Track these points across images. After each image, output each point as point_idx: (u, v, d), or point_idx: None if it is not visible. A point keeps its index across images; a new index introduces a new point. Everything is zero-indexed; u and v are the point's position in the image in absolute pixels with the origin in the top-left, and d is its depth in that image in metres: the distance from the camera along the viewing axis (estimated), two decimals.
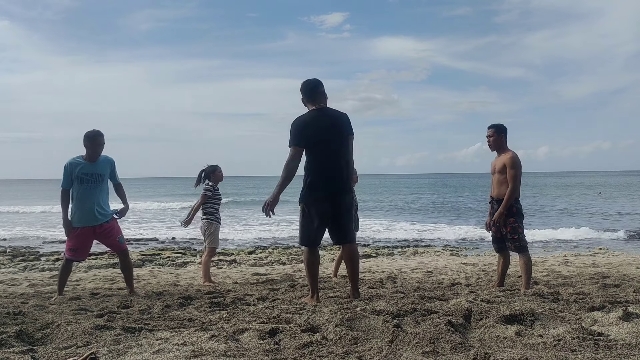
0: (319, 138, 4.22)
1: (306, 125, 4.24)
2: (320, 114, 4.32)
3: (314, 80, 4.43)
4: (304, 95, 4.42)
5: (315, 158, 4.24)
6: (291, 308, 3.81)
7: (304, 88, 4.42)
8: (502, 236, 5.14)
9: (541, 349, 2.46)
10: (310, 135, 4.21)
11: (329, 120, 4.31)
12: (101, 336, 2.95)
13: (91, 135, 5.04)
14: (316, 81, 4.43)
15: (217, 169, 6.67)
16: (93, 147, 5.04)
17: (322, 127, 4.25)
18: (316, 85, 4.41)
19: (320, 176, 4.23)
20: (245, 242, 14.56)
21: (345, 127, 4.36)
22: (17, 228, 19.26)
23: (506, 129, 5.25)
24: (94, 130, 5.08)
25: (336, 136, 4.31)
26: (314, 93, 4.39)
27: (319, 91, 4.40)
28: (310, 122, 4.26)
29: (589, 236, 14.83)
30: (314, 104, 4.37)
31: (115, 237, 5.18)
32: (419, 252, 11.42)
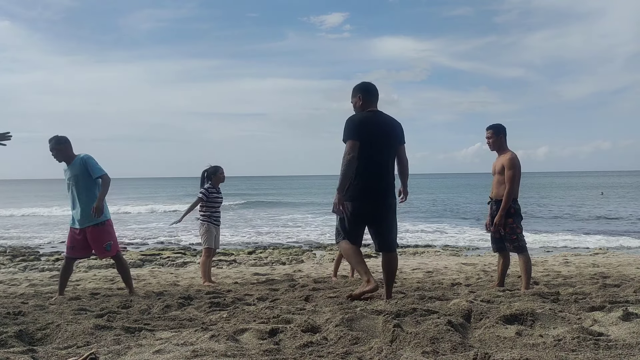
0: (373, 140, 4.16)
1: (362, 123, 4.18)
2: (377, 117, 4.29)
3: (374, 84, 4.42)
4: (365, 95, 4.34)
5: (364, 159, 4.15)
6: (291, 308, 3.81)
7: (366, 88, 4.37)
8: (500, 236, 5.14)
9: (541, 349, 2.46)
10: (366, 134, 4.14)
11: (385, 124, 4.28)
12: (101, 336, 2.95)
13: (50, 140, 5.08)
14: (375, 86, 4.42)
15: (219, 170, 6.67)
16: (53, 153, 5.09)
17: (377, 129, 4.20)
18: (376, 89, 4.40)
19: (367, 179, 4.16)
20: (245, 242, 14.55)
21: (399, 136, 4.34)
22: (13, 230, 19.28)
23: (505, 129, 5.25)
24: (52, 137, 5.09)
25: (390, 142, 4.26)
26: (374, 95, 4.37)
27: (377, 95, 4.39)
28: (368, 122, 4.20)
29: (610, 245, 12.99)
30: (370, 106, 4.33)
31: (102, 244, 5.10)
32: (419, 252, 11.43)
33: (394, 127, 4.34)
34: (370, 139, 4.15)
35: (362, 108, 4.35)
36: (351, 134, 4.14)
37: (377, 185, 4.21)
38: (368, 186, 4.18)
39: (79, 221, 5.08)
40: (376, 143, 4.18)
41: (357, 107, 4.39)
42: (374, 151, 4.16)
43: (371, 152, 4.15)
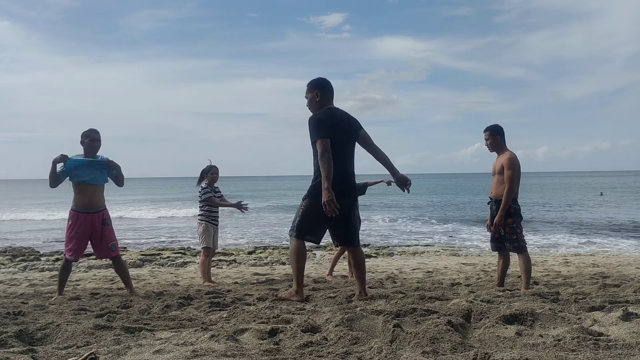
0: (336, 137, 4.21)
1: (327, 120, 4.23)
2: (337, 113, 4.35)
3: (329, 81, 4.46)
4: (323, 91, 4.38)
5: (334, 156, 4.17)
6: (291, 308, 3.81)
7: (323, 85, 4.41)
8: (500, 236, 5.14)
9: (541, 349, 2.46)
10: (332, 131, 4.19)
11: (344, 120, 4.34)
12: (101, 336, 2.95)
13: (87, 132, 5.08)
14: (331, 82, 4.46)
15: (211, 170, 6.68)
16: (90, 143, 5.06)
17: (339, 125, 4.26)
18: (332, 86, 4.46)
19: (340, 175, 4.20)
20: (245, 242, 14.55)
21: (356, 124, 4.42)
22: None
23: (501, 129, 5.25)
24: (90, 129, 5.12)
25: (350, 137, 4.33)
26: (330, 92, 4.42)
27: (333, 92, 4.44)
28: (331, 119, 4.25)
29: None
30: (327, 103, 4.37)
31: (108, 243, 5.16)
32: (419, 252, 11.42)
33: (352, 121, 4.40)
34: (335, 135, 4.20)
35: (319, 104, 4.37)
36: (321, 133, 4.18)
37: (344, 181, 4.25)
38: (341, 181, 4.21)
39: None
40: (340, 140, 4.23)
41: (313, 103, 4.41)
42: (340, 146, 4.22)
43: (338, 148, 4.20)
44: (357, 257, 4.48)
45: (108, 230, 5.16)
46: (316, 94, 4.38)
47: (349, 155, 4.34)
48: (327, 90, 4.40)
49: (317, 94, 4.38)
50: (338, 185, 4.19)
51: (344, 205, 4.22)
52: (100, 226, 5.10)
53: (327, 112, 4.31)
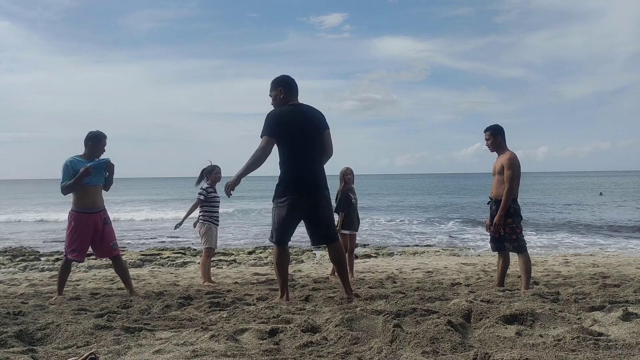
0: (296, 132, 4.16)
1: (284, 117, 4.18)
2: (297, 108, 4.29)
3: (293, 78, 4.43)
4: (286, 88, 4.34)
5: (292, 154, 4.16)
6: (291, 308, 3.81)
7: (287, 82, 4.37)
8: (500, 236, 5.14)
9: (541, 349, 2.45)
10: (287, 128, 4.14)
11: (306, 115, 4.28)
12: (101, 336, 2.95)
13: (95, 135, 5.09)
14: (295, 79, 4.44)
15: (214, 170, 6.66)
16: (95, 147, 5.07)
17: (299, 121, 4.20)
18: (296, 83, 4.42)
19: (298, 172, 4.17)
20: (245, 242, 14.55)
21: (321, 122, 4.34)
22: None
23: (502, 129, 5.25)
24: (98, 131, 5.14)
25: (313, 131, 4.26)
26: (294, 89, 4.38)
27: (296, 88, 4.40)
28: (288, 115, 4.20)
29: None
30: (291, 100, 4.33)
31: (109, 242, 5.18)
32: (419, 252, 11.42)
33: (315, 116, 4.34)
34: (293, 132, 4.15)
35: (283, 101, 4.34)
36: (267, 130, 4.15)
37: (307, 178, 4.20)
38: (298, 180, 4.17)
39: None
40: (300, 135, 4.18)
41: (277, 100, 4.38)
42: (299, 143, 4.17)
43: (296, 146, 4.16)
44: (333, 253, 4.41)
45: (109, 229, 5.17)
46: (280, 91, 4.35)
47: (310, 152, 4.23)
48: (291, 88, 4.36)
49: (281, 91, 4.34)
50: (299, 184, 4.16)
51: (304, 203, 4.19)
52: (102, 225, 5.11)
53: (284, 108, 4.26)
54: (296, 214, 4.23)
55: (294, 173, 4.17)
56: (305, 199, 4.19)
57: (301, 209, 4.22)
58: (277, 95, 4.35)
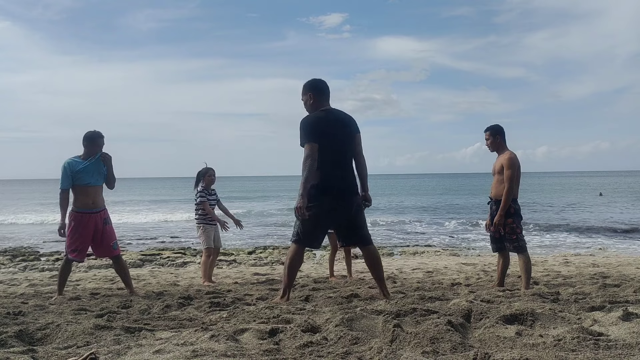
0: (329, 138, 4.16)
1: (318, 123, 4.18)
2: (330, 114, 4.29)
3: (324, 81, 4.40)
4: (316, 93, 4.33)
5: (325, 158, 4.15)
6: (291, 308, 3.81)
7: (317, 86, 4.36)
8: (500, 236, 5.14)
9: (541, 349, 2.45)
10: (322, 133, 4.14)
11: (339, 120, 4.29)
12: (101, 336, 2.95)
13: (92, 135, 5.06)
14: (325, 82, 4.41)
15: (208, 172, 6.71)
16: (93, 148, 5.05)
17: (332, 126, 4.21)
18: (327, 86, 4.40)
19: (330, 177, 4.17)
20: (245, 243, 14.55)
21: (352, 127, 4.35)
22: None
23: (502, 128, 5.25)
24: (96, 131, 5.11)
25: (345, 136, 4.28)
26: (325, 93, 4.37)
27: (328, 92, 4.39)
28: (322, 121, 4.20)
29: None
30: (322, 105, 4.33)
31: (110, 242, 5.18)
32: (419, 252, 11.42)
33: (348, 122, 4.35)
34: (328, 138, 4.15)
35: (314, 107, 4.34)
36: (308, 137, 4.13)
37: (340, 184, 4.21)
38: (331, 186, 4.17)
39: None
40: (334, 141, 4.18)
41: (308, 106, 4.37)
42: (332, 151, 4.17)
43: (330, 152, 4.16)
44: (369, 256, 4.41)
45: (109, 229, 5.17)
46: (309, 96, 4.35)
47: (343, 158, 4.27)
48: (321, 92, 4.35)
49: (311, 96, 4.34)
50: (331, 187, 4.17)
51: (338, 208, 4.20)
52: (102, 225, 5.11)
53: (318, 115, 4.26)
54: (327, 218, 4.25)
55: (326, 178, 4.17)
56: (336, 203, 4.20)
57: (332, 214, 4.22)
58: (307, 100, 4.36)
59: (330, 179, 4.17)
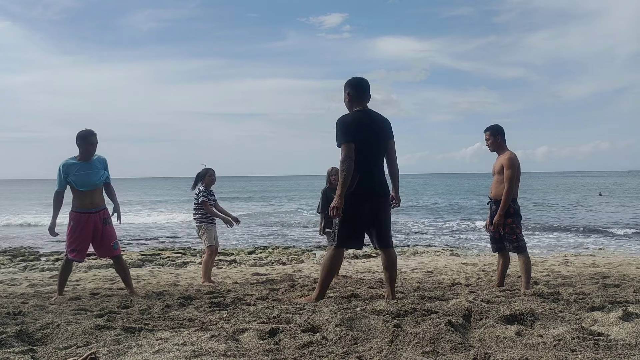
0: (364, 139, 4.15)
1: (354, 124, 4.17)
2: (366, 115, 4.26)
3: (365, 80, 4.37)
4: (355, 91, 4.30)
5: (361, 160, 4.14)
6: (291, 308, 3.81)
7: (356, 85, 4.32)
8: (500, 236, 5.14)
9: (541, 349, 2.45)
10: (358, 134, 4.13)
11: (374, 122, 4.27)
12: (101, 336, 2.95)
13: (83, 134, 5.05)
14: (367, 82, 4.37)
15: (208, 173, 6.73)
16: (86, 146, 5.04)
17: (367, 128, 4.19)
18: (368, 86, 4.36)
19: (363, 178, 4.17)
20: (245, 242, 14.55)
21: (388, 131, 4.34)
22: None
23: (502, 129, 5.25)
24: (87, 130, 5.09)
25: (379, 139, 4.26)
26: (365, 93, 4.34)
27: (368, 92, 4.36)
28: (358, 122, 4.18)
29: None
30: (360, 104, 4.30)
31: (110, 242, 5.18)
32: (419, 252, 11.42)
33: (384, 124, 4.34)
34: (363, 139, 4.15)
35: (350, 105, 4.33)
36: (346, 137, 4.12)
37: (373, 184, 4.22)
38: (368, 186, 4.18)
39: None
40: (368, 143, 4.18)
41: (346, 104, 4.37)
42: (367, 151, 4.17)
43: (365, 153, 4.15)
44: (388, 258, 4.40)
45: (109, 229, 5.16)
46: (347, 94, 4.33)
47: (375, 160, 4.25)
48: (358, 91, 4.31)
49: (348, 94, 4.33)
50: (366, 188, 4.17)
51: (372, 209, 4.22)
52: (102, 225, 5.11)
53: (354, 115, 4.25)
54: (364, 221, 4.25)
55: (365, 180, 4.16)
56: (373, 205, 4.21)
57: (369, 216, 4.23)
58: (345, 98, 4.36)
59: (366, 180, 4.18)
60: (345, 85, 4.37)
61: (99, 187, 5.13)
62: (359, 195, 4.17)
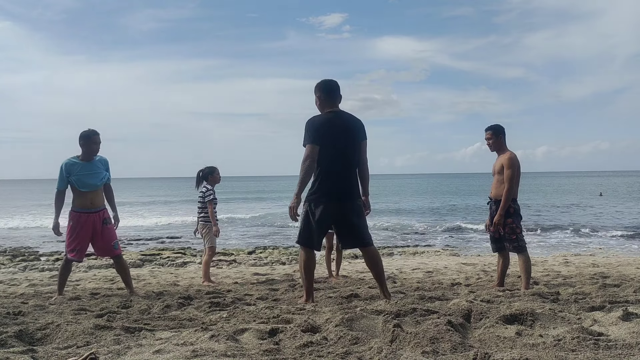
0: (332, 141, 4.13)
1: (322, 125, 4.15)
2: (336, 116, 4.24)
3: (334, 82, 4.35)
4: (325, 94, 4.29)
5: (326, 161, 4.13)
6: (291, 308, 3.81)
7: (325, 87, 4.31)
8: (500, 236, 5.14)
9: (541, 349, 2.46)
10: (325, 136, 4.11)
11: (345, 123, 4.23)
12: (101, 336, 2.95)
13: (87, 134, 5.04)
14: (336, 83, 4.36)
15: (215, 171, 6.69)
16: (89, 146, 5.04)
17: (337, 129, 4.16)
18: (337, 87, 4.34)
19: (330, 180, 4.14)
20: (245, 242, 14.55)
21: (359, 133, 4.29)
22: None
23: (503, 129, 5.25)
24: (90, 130, 5.08)
25: (350, 141, 4.22)
26: (334, 94, 4.31)
27: (338, 94, 4.34)
28: (326, 123, 4.16)
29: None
30: (330, 106, 4.28)
31: (110, 242, 5.18)
32: (419, 252, 11.42)
33: (354, 125, 4.29)
34: (331, 141, 4.12)
35: (321, 107, 4.31)
36: (310, 138, 4.11)
37: (341, 186, 4.18)
38: (332, 188, 4.15)
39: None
40: (337, 144, 4.14)
41: (317, 106, 4.35)
42: (336, 153, 4.14)
43: (333, 154, 4.13)
44: (368, 257, 4.38)
45: (109, 229, 5.16)
46: (318, 97, 4.33)
47: (345, 161, 4.20)
48: (329, 93, 4.29)
49: (319, 96, 4.31)
50: (330, 192, 4.14)
51: (337, 211, 4.18)
52: (101, 225, 5.11)
53: (324, 116, 4.23)
54: (326, 221, 4.23)
55: (327, 181, 4.15)
56: (336, 207, 4.18)
57: (332, 217, 4.21)
58: (316, 100, 4.35)
59: (330, 183, 4.14)
60: (315, 88, 4.35)
61: (99, 188, 5.13)
62: (320, 196, 4.15)
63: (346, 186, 4.21)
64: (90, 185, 5.03)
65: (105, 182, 5.17)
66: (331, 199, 4.15)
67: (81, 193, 5.02)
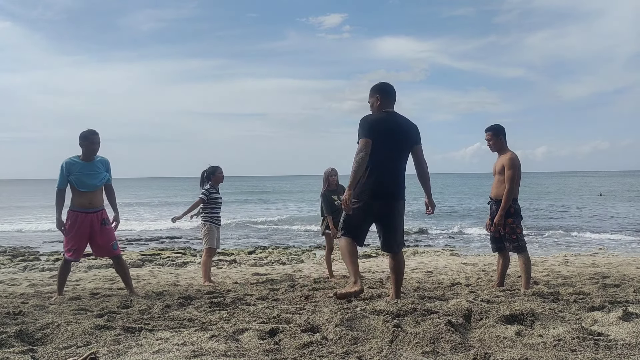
0: (386, 140, 4.17)
1: (377, 123, 4.20)
2: (391, 117, 4.29)
3: (392, 86, 4.43)
4: (384, 96, 4.34)
5: (377, 160, 4.16)
6: (291, 308, 3.81)
7: (384, 89, 4.38)
8: (500, 236, 5.14)
9: (541, 349, 2.45)
10: (378, 132, 4.15)
11: (399, 125, 4.28)
12: (101, 336, 2.95)
13: (86, 134, 5.05)
14: (393, 87, 4.43)
15: (217, 170, 6.70)
16: (88, 146, 5.04)
17: (391, 129, 4.21)
18: (394, 91, 4.41)
19: (379, 179, 4.17)
20: (245, 242, 14.55)
21: (412, 135, 4.32)
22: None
23: (504, 129, 5.25)
24: (89, 130, 5.09)
25: (401, 142, 4.26)
26: (392, 97, 4.38)
27: (394, 97, 4.40)
28: (381, 121, 4.22)
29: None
30: (386, 107, 4.33)
31: (109, 242, 5.18)
32: (419, 252, 11.42)
33: (409, 128, 4.34)
34: (383, 138, 4.16)
35: (379, 108, 4.35)
36: (364, 133, 4.16)
37: (387, 184, 4.21)
38: (378, 185, 4.18)
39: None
40: (389, 143, 4.19)
41: (374, 107, 4.39)
42: (386, 151, 4.17)
43: (383, 152, 4.16)
44: (392, 262, 4.39)
45: (107, 229, 5.16)
46: (377, 98, 4.36)
47: (395, 161, 4.25)
48: (387, 95, 4.36)
49: (378, 98, 4.36)
50: (380, 187, 4.17)
51: (378, 209, 4.20)
52: (100, 226, 5.10)
53: (378, 114, 4.28)
54: (368, 218, 4.26)
55: (375, 179, 4.17)
56: (380, 205, 4.20)
57: (374, 215, 4.23)
58: (374, 102, 4.38)
59: (378, 181, 4.18)
60: (372, 89, 4.41)
61: (98, 189, 5.13)
62: (366, 191, 4.18)
63: (392, 187, 4.25)
64: (89, 186, 5.03)
65: (105, 182, 5.16)
66: (376, 197, 4.18)
67: (80, 193, 5.02)
